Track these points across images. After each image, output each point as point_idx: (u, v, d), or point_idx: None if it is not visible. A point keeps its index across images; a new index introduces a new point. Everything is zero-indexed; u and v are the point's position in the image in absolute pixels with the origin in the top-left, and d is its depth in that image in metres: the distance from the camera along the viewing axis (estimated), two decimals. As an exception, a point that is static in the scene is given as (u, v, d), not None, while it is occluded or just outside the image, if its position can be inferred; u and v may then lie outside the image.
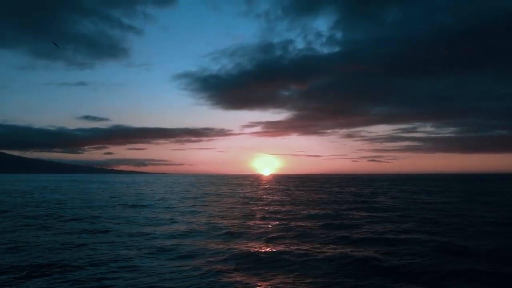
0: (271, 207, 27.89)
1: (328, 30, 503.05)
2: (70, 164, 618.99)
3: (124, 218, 21.20)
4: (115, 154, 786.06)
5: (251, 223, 19.51)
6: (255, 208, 27.64)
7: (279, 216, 22.55)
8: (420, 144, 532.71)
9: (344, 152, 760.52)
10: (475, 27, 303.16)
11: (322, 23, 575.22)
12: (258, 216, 22.66)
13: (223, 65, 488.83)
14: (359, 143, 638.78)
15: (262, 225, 18.55)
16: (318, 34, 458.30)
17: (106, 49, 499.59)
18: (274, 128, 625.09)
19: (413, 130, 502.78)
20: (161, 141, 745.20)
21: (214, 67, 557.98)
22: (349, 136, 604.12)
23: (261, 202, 32.85)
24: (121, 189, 59.01)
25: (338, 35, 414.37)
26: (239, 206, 29.33)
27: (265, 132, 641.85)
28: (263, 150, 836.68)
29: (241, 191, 53.86)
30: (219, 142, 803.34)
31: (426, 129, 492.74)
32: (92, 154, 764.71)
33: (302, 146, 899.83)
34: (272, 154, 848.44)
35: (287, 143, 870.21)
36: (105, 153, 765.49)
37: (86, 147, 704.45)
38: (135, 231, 16.79)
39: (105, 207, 27.66)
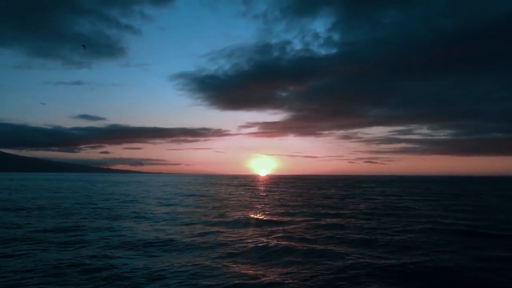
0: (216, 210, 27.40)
1: (325, 32, 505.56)
2: (66, 163, 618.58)
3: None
4: (111, 153, 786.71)
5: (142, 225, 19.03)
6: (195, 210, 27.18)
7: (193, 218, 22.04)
8: (416, 146, 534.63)
9: (341, 153, 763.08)
10: (472, 30, 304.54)
11: (320, 25, 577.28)
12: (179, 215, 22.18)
13: (221, 66, 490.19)
14: (356, 145, 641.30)
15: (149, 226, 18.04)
16: (315, 35, 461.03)
17: (103, 48, 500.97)
18: (271, 129, 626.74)
19: (409, 132, 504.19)
20: (158, 140, 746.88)
21: (212, 68, 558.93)
22: (345, 137, 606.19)
23: (211, 204, 32.34)
24: (94, 189, 58.39)
25: (336, 36, 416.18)
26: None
27: (262, 132, 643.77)
28: (260, 150, 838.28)
29: (221, 191, 53.38)
30: (216, 142, 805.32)
31: (422, 131, 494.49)
32: (89, 153, 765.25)
33: (299, 147, 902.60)
34: (269, 155, 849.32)
35: (284, 143, 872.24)
36: (102, 152, 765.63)
37: (82, 146, 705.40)
38: None
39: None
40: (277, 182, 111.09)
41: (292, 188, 64.94)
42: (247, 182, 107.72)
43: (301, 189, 60.97)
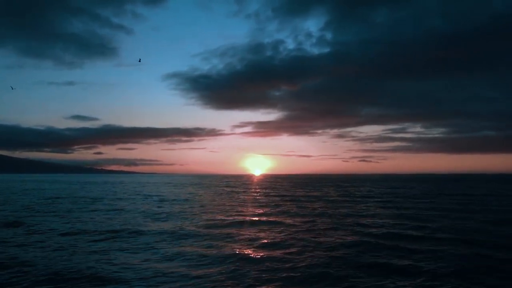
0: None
1: (318, 31, 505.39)
2: (59, 164, 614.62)
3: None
4: (105, 154, 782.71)
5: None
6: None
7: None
8: (410, 144, 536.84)
9: (335, 152, 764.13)
10: (463, 30, 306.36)
11: (312, 24, 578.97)
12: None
13: (214, 65, 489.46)
14: (350, 144, 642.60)
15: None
16: (308, 34, 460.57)
17: (96, 48, 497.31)
18: (265, 128, 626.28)
19: (402, 130, 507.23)
20: (152, 141, 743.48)
21: (205, 67, 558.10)
22: (339, 136, 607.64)
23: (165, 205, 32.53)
24: (67, 189, 58.37)
25: (328, 36, 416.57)
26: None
27: (256, 132, 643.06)
28: (254, 150, 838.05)
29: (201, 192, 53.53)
30: (210, 142, 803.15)
31: (415, 130, 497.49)
32: (82, 154, 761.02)
33: (293, 146, 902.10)
34: (263, 154, 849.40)
35: (278, 143, 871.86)
36: (95, 153, 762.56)
37: (75, 147, 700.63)
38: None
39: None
40: (267, 182, 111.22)
41: (274, 189, 65.29)
42: (235, 182, 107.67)
43: (277, 191, 61.26)
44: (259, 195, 45.83)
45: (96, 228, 18.76)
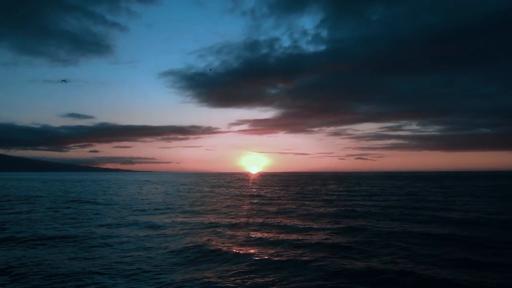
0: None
1: (313, 28, 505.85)
2: (55, 163, 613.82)
3: None
4: (100, 152, 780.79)
5: None
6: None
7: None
8: (406, 142, 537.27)
9: (331, 150, 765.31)
10: (459, 27, 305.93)
11: (308, 21, 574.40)
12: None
13: (209, 63, 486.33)
14: (346, 141, 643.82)
15: None
16: (304, 32, 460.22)
17: (90, 45, 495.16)
18: (261, 126, 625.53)
19: (399, 128, 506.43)
20: (148, 139, 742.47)
21: (200, 65, 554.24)
22: (336, 134, 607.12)
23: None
24: (44, 187, 57.18)
25: (324, 33, 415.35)
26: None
27: (252, 130, 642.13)
28: (250, 148, 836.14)
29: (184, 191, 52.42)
30: (207, 140, 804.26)
31: (411, 127, 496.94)
32: (78, 152, 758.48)
33: (290, 144, 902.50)
34: (260, 152, 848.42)
35: (274, 141, 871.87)
36: (91, 151, 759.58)
37: (71, 145, 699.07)
38: None
39: None
40: (261, 180, 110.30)
41: (259, 187, 64.36)
42: (224, 180, 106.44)
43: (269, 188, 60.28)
44: (215, 195, 44.71)
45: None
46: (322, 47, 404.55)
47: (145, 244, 14.47)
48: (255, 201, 34.16)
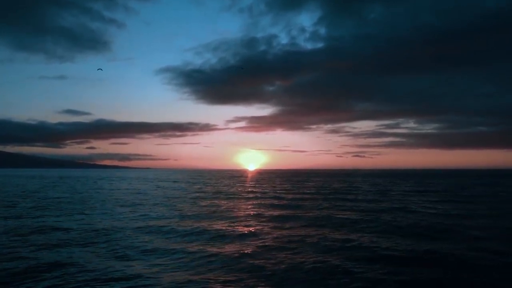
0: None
1: (311, 26, 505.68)
2: (51, 159, 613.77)
3: None
4: (98, 148, 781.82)
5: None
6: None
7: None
8: (403, 140, 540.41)
9: (329, 147, 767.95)
10: (457, 27, 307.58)
11: (306, 19, 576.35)
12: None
13: (207, 60, 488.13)
14: (344, 139, 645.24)
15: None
16: (301, 29, 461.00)
17: (87, 42, 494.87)
18: (259, 123, 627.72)
19: (396, 126, 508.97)
20: (145, 135, 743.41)
21: (198, 62, 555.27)
22: (333, 131, 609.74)
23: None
24: (29, 184, 58.80)
25: (322, 31, 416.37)
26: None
27: (250, 127, 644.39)
28: (248, 145, 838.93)
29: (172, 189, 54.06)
30: (204, 137, 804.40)
31: (409, 125, 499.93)
32: (75, 149, 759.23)
33: (287, 142, 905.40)
34: (257, 149, 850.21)
35: (272, 138, 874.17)
36: (88, 148, 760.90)
37: (68, 142, 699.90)
38: None
39: None
40: (255, 178, 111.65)
41: (249, 183, 66.06)
42: (215, 179, 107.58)
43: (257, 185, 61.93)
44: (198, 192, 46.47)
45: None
46: (320, 45, 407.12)
47: None
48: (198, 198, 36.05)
